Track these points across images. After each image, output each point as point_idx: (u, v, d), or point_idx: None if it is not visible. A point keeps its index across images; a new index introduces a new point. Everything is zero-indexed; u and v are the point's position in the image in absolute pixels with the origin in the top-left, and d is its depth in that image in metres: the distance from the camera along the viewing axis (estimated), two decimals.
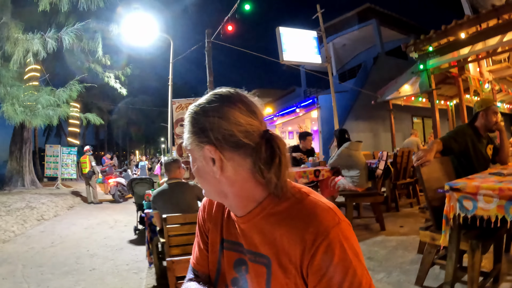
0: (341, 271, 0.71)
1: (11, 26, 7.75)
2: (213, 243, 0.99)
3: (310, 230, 0.75)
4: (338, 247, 0.72)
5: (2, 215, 7.32)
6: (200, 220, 1.06)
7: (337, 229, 0.74)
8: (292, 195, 0.84)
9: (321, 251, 0.72)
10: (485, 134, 3.48)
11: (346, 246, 0.73)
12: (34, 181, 13.78)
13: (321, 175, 5.37)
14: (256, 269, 0.85)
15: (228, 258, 0.93)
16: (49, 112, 9.20)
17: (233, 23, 9.61)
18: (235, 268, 0.91)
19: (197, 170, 0.89)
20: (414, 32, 17.53)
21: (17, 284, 3.99)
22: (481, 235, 2.47)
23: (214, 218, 1.01)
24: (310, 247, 0.74)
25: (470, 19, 6.37)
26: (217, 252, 0.97)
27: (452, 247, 2.49)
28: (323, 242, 0.72)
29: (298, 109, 17.19)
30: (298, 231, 0.77)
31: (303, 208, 0.80)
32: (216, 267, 0.97)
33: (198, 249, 1.05)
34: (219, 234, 0.98)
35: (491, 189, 2.12)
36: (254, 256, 0.85)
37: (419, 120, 17.78)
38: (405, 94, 10.90)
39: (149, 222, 4.12)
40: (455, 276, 2.52)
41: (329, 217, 0.76)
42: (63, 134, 29.93)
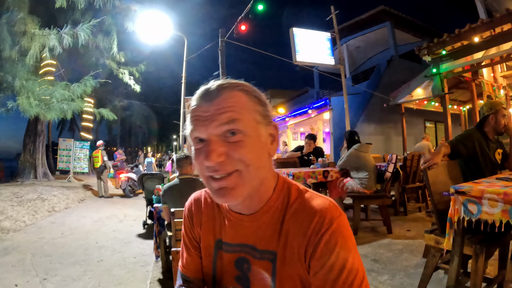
0: (342, 258, 0.75)
1: (28, 21, 7.90)
2: (206, 247, 0.99)
3: (315, 220, 0.79)
4: (341, 236, 0.77)
5: (14, 205, 7.49)
6: (187, 227, 1.06)
7: (339, 220, 0.79)
8: (294, 191, 0.89)
9: (325, 240, 0.77)
10: (494, 138, 3.42)
11: (347, 236, 0.79)
12: (47, 174, 14.01)
13: (330, 176, 5.37)
14: (260, 266, 0.87)
15: (227, 259, 0.94)
16: (64, 106, 9.36)
17: (246, 23, 9.68)
18: (236, 267, 0.92)
19: (256, 148, 0.81)
20: (428, 35, 17.34)
21: (25, 272, 4.08)
22: (486, 240, 2.44)
23: (205, 223, 1.00)
24: (315, 236, 0.78)
25: (484, 23, 6.28)
26: (211, 255, 0.98)
27: (455, 250, 2.45)
28: (327, 231, 0.77)
29: (310, 110, 17.12)
30: (304, 223, 0.81)
31: (306, 202, 0.85)
32: (212, 269, 0.97)
33: (187, 254, 1.04)
34: (213, 238, 0.98)
35: (496, 193, 2.09)
36: (260, 253, 0.87)
37: (432, 124, 17.58)
38: (418, 97, 10.78)
39: (158, 216, 4.17)
40: (457, 281, 2.49)
41: (332, 209, 0.81)
42: (76, 128, 30.34)
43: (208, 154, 0.76)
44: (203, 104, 0.80)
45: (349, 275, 0.74)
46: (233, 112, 0.78)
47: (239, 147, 0.77)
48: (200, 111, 0.80)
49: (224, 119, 0.77)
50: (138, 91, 12.59)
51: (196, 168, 0.84)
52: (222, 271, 0.95)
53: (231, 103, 0.79)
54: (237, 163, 0.77)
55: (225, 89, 0.81)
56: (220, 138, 0.78)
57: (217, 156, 0.76)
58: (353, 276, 0.75)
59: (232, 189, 0.79)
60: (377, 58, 20.88)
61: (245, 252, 0.90)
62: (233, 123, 0.77)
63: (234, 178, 0.78)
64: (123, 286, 3.66)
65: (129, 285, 3.69)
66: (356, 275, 0.75)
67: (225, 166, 0.77)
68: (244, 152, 0.77)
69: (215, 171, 0.78)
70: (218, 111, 0.78)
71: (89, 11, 9.29)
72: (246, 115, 0.79)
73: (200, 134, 0.79)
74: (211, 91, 0.81)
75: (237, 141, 0.78)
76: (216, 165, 0.77)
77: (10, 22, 7.74)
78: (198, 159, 0.80)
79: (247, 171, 0.78)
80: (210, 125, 0.78)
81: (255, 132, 0.80)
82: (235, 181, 0.78)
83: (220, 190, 0.79)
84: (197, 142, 0.81)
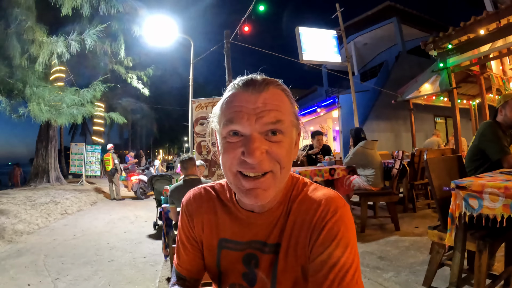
0: (342, 246, 0.77)
1: (36, 30, 8.04)
2: (209, 246, 0.97)
3: (321, 209, 0.82)
4: (343, 225, 0.79)
5: (28, 208, 7.64)
6: (185, 226, 1.01)
7: (343, 209, 0.82)
8: (300, 184, 0.93)
9: (328, 227, 0.79)
10: (508, 131, 3.29)
11: (349, 226, 0.81)
12: (59, 178, 14.19)
13: (337, 174, 5.37)
14: (267, 260, 0.88)
15: (233, 257, 0.93)
16: (74, 111, 9.49)
17: (249, 24, 9.70)
18: (244, 263, 0.91)
19: (290, 150, 0.82)
20: (435, 30, 17.12)
21: (38, 272, 4.18)
22: (489, 235, 2.41)
23: (207, 223, 0.97)
24: (320, 223, 0.80)
25: (489, 15, 6.18)
26: (215, 255, 0.96)
27: (457, 246, 2.44)
28: (331, 219, 0.80)
29: (319, 108, 17.07)
30: (310, 212, 0.84)
31: (312, 193, 0.88)
32: (216, 267, 0.96)
33: (183, 252, 1.02)
34: (216, 237, 0.96)
35: (497, 188, 2.07)
36: (269, 247, 0.88)
37: (442, 120, 17.42)
38: (426, 93, 10.68)
39: (166, 216, 4.23)
40: (460, 277, 2.48)
41: (337, 199, 0.84)
42: (88, 133, 30.57)
43: (253, 151, 0.74)
44: (248, 94, 0.79)
45: (346, 262, 0.76)
46: (279, 111, 0.78)
47: (278, 147, 0.78)
48: (246, 100, 0.78)
49: (272, 118, 0.77)
50: (147, 95, 12.69)
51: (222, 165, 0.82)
52: (228, 269, 0.94)
53: (277, 101, 0.79)
54: (274, 164, 0.77)
55: (272, 84, 0.81)
56: (262, 136, 0.77)
57: (260, 154, 0.75)
58: (349, 265, 0.76)
59: (265, 190, 0.78)
60: (385, 55, 20.78)
61: (253, 248, 0.90)
62: (279, 124, 0.77)
63: (268, 179, 0.78)
64: (132, 285, 3.73)
65: (139, 284, 3.76)
66: (352, 264, 0.77)
67: (263, 165, 0.76)
68: (282, 153, 0.78)
69: (252, 168, 0.76)
70: (266, 107, 0.77)
71: (96, 17, 9.41)
72: (287, 116, 0.80)
73: (242, 129, 0.77)
74: (258, 83, 0.80)
75: (278, 141, 0.78)
76: (256, 163, 0.76)
77: (19, 30, 7.90)
78: (232, 153, 0.78)
79: (280, 172, 0.79)
80: (258, 121, 0.76)
81: (290, 134, 0.81)
82: (268, 183, 0.78)
83: (252, 191, 0.78)
84: (231, 135, 0.79)
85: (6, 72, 8.16)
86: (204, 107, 7.71)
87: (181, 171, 4.04)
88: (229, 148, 0.78)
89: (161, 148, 53.71)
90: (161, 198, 5.12)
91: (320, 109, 17.02)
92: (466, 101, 11.90)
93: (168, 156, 42.30)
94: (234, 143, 0.78)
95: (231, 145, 0.78)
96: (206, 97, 7.70)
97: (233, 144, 0.78)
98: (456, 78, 7.90)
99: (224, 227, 0.95)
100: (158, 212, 6.61)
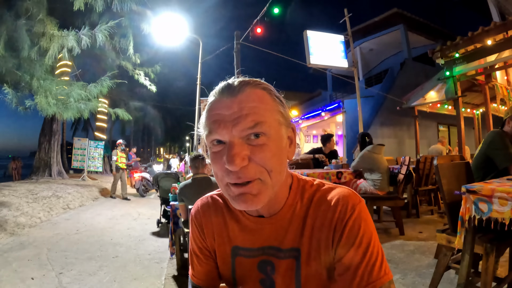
0: (366, 242, 0.78)
1: (47, 22, 8.05)
2: (222, 255, 0.96)
3: (339, 209, 0.81)
4: (363, 221, 0.80)
5: (29, 202, 7.66)
6: (196, 237, 1.00)
7: (360, 206, 0.82)
8: (309, 186, 0.91)
9: (349, 226, 0.79)
10: None
11: (368, 220, 0.81)
12: (61, 172, 14.24)
13: (343, 177, 5.37)
14: (285, 265, 0.86)
15: (248, 264, 0.91)
16: (81, 105, 9.49)
17: (262, 25, 9.73)
18: (260, 270, 0.90)
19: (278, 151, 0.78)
20: (442, 38, 17.19)
21: (42, 266, 4.19)
22: (496, 238, 2.46)
23: (218, 232, 0.96)
24: (340, 224, 0.80)
25: (497, 25, 6.23)
26: (229, 263, 0.95)
27: (466, 249, 2.47)
28: (351, 218, 0.79)
29: (324, 112, 17.05)
30: (328, 214, 0.82)
31: (326, 194, 0.87)
32: (232, 277, 0.95)
33: (197, 263, 1.00)
34: (228, 245, 0.94)
35: (506, 192, 2.12)
36: (284, 253, 0.86)
37: (445, 128, 17.42)
38: (431, 100, 10.70)
39: (174, 214, 4.24)
40: (468, 279, 2.50)
41: (352, 196, 0.83)
42: (90, 128, 30.58)
43: (232, 158, 0.71)
44: (224, 99, 0.77)
45: (371, 256, 0.77)
46: (257, 113, 0.74)
47: (262, 151, 0.74)
48: (222, 107, 0.76)
49: (250, 122, 0.73)
50: (154, 91, 12.68)
51: (214, 174, 0.80)
52: (244, 277, 0.93)
53: (255, 102, 0.75)
54: (260, 170, 0.74)
55: (248, 85, 0.78)
56: (243, 141, 0.74)
57: (241, 160, 0.72)
58: (375, 258, 0.77)
59: (255, 195, 0.75)
60: (391, 61, 20.78)
61: (268, 254, 0.88)
62: (259, 126, 0.73)
63: (256, 185, 0.75)
64: (138, 281, 3.73)
65: (144, 280, 3.76)
66: (378, 256, 0.78)
67: (247, 172, 0.73)
68: (267, 156, 0.74)
69: (238, 177, 0.73)
70: (242, 111, 0.74)
71: (106, 13, 9.42)
72: (270, 116, 0.76)
73: (221, 137, 0.75)
74: (233, 86, 0.78)
75: (261, 144, 0.74)
76: (239, 171, 0.73)
77: (29, 23, 7.90)
78: (218, 163, 0.76)
79: (269, 177, 0.75)
80: (234, 128, 0.73)
81: (277, 134, 0.78)
82: (257, 188, 0.75)
83: (241, 196, 0.75)
84: (215, 144, 0.77)
85: (14, 63, 8.15)
86: None
87: (191, 169, 4.04)
88: (215, 158, 0.77)
89: (162, 147, 53.74)
90: (168, 195, 5.13)
91: (325, 113, 17.00)
92: (470, 109, 11.94)
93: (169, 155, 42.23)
94: (218, 152, 0.76)
95: (216, 155, 0.77)
96: None
97: (218, 154, 0.76)
98: (461, 86, 7.95)
99: (234, 234, 0.94)
100: (162, 210, 6.62)
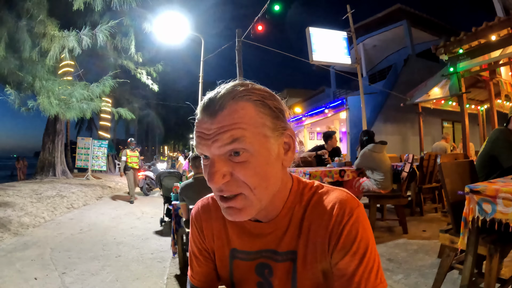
0: (363, 248, 0.77)
1: (48, 23, 8.05)
2: (221, 257, 0.97)
3: (336, 213, 0.80)
4: (361, 226, 0.78)
5: (34, 201, 7.68)
6: (196, 238, 1.01)
7: (358, 210, 0.80)
8: (308, 189, 0.90)
9: (347, 230, 0.78)
10: None
11: (366, 226, 0.80)
12: (65, 172, 14.27)
13: (346, 175, 5.34)
14: (283, 268, 0.86)
15: (245, 267, 0.92)
16: (83, 105, 9.51)
17: (263, 23, 9.71)
18: (257, 273, 0.90)
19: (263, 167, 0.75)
20: (445, 34, 17.07)
21: (45, 266, 4.19)
22: (500, 239, 2.42)
23: (217, 234, 0.97)
24: (337, 227, 0.79)
25: (501, 21, 6.16)
26: (227, 266, 0.95)
27: (469, 250, 2.43)
28: (348, 222, 0.78)
29: (327, 109, 17.02)
30: (325, 216, 0.81)
31: (324, 196, 0.86)
32: (229, 279, 0.96)
33: (196, 264, 1.01)
34: (227, 248, 0.95)
35: (511, 193, 2.06)
36: (281, 256, 0.86)
37: (449, 124, 17.29)
38: (435, 97, 10.61)
39: (176, 213, 4.23)
40: (471, 281, 2.48)
41: (350, 200, 0.82)
42: (94, 128, 30.65)
43: (212, 175, 0.72)
44: (205, 120, 0.74)
45: (368, 263, 0.76)
46: (237, 129, 0.71)
47: (243, 168, 0.73)
48: (203, 128, 0.74)
49: (227, 139, 0.71)
50: (156, 91, 12.69)
51: None
52: (242, 279, 0.93)
53: (235, 119, 0.72)
54: (242, 187, 0.74)
55: (230, 101, 0.73)
56: (224, 157, 0.73)
57: (220, 178, 0.72)
58: (371, 265, 0.76)
59: (240, 210, 0.76)
60: (394, 57, 20.66)
61: (265, 257, 0.88)
62: (237, 142, 0.71)
63: (240, 200, 0.75)
64: (140, 281, 3.73)
65: (147, 280, 3.75)
66: (374, 263, 0.77)
67: (230, 186, 0.74)
68: (249, 174, 0.73)
69: (221, 191, 0.75)
70: (220, 130, 0.71)
71: (107, 12, 9.42)
72: (252, 130, 0.72)
73: (203, 152, 0.75)
74: (214, 104, 0.74)
75: (242, 162, 0.72)
76: (221, 186, 0.74)
77: (30, 24, 7.91)
78: (206, 175, 0.76)
79: (252, 194, 0.74)
80: (212, 145, 0.72)
81: (263, 149, 0.74)
82: (241, 203, 0.75)
83: (228, 209, 0.77)
84: (204, 157, 0.77)
85: (16, 64, 8.18)
86: None
87: (192, 168, 4.03)
88: (205, 171, 0.77)
89: (166, 145, 53.82)
90: (170, 195, 5.12)
91: (328, 110, 16.98)
92: (474, 106, 11.83)
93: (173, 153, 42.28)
94: (206, 165, 0.76)
95: (205, 167, 0.77)
96: None
97: (205, 167, 0.76)
98: (465, 83, 7.88)
99: (233, 237, 0.94)
100: (165, 209, 6.62)
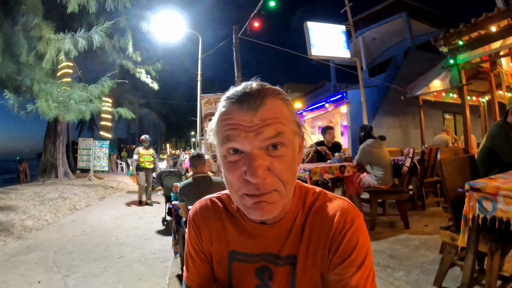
0: (362, 255, 0.79)
1: (43, 27, 8.05)
2: (219, 259, 0.95)
3: (337, 220, 0.82)
4: (361, 235, 0.81)
5: (36, 204, 7.71)
6: (192, 239, 0.99)
7: (359, 219, 0.83)
8: (311, 195, 0.91)
9: (348, 237, 0.79)
10: None
11: (365, 234, 0.82)
12: (67, 173, 14.29)
13: (347, 171, 5.33)
14: (283, 272, 0.86)
15: (244, 269, 0.90)
16: (82, 107, 9.50)
17: (259, 19, 9.66)
18: (256, 276, 0.89)
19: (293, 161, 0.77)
20: (445, 25, 17.00)
21: (48, 269, 4.20)
22: (502, 237, 2.42)
23: (215, 236, 0.95)
24: (338, 234, 0.80)
25: (501, 11, 6.10)
26: (225, 267, 0.94)
27: (470, 248, 2.45)
28: (349, 229, 0.80)
29: (327, 104, 17.01)
30: (326, 223, 0.83)
31: (326, 203, 0.87)
32: (228, 281, 0.94)
33: (192, 265, 0.99)
34: (226, 249, 0.93)
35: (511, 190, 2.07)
36: (282, 260, 0.86)
37: (451, 116, 17.25)
38: (435, 89, 10.56)
39: (176, 213, 4.23)
40: (472, 278, 2.47)
41: (351, 209, 0.84)
42: (95, 128, 30.69)
43: (255, 170, 0.70)
44: (244, 112, 0.73)
45: (365, 270, 0.78)
46: (279, 124, 0.73)
47: (280, 162, 0.73)
48: (241, 120, 0.72)
49: (272, 131, 0.71)
50: (156, 89, 12.68)
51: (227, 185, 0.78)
52: (240, 282, 0.92)
53: (276, 114, 0.74)
54: (277, 182, 0.73)
55: (268, 96, 0.75)
56: (263, 151, 0.72)
57: (263, 172, 0.71)
58: (368, 273, 0.78)
59: (271, 204, 0.74)
60: (394, 50, 20.63)
61: (265, 261, 0.88)
62: (280, 136, 0.72)
63: (273, 195, 0.74)
64: (142, 281, 3.73)
65: (149, 280, 3.76)
66: (370, 272, 0.79)
67: (266, 184, 0.72)
68: (284, 168, 0.74)
69: (257, 189, 0.72)
70: (264, 122, 0.72)
71: (103, 13, 9.40)
72: (288, 126, 0.75)
73: (240, 146, 0.72)
74: (254, 97, 0.74)
75: (280, 156, 0.73)
76: (260, 182, 0.71)
77: (26, 27, 7.90)
78: (235, 173, 0.74)
79: (284, 189, 0.75)
80: (256, 138, 0.71)
81: (292, 144, 0.77)
82: (274, 198, 0.74)
83: (256, 205, 0.73)
84: (231, 153, 0.74)
85: (14, 69, 8.17)
86: (213, 102, 7.70)
87: (190, 168, 4.03)
88: (231, 169, 0.74)
89: (168, 143, 53.95)
90: (171, 194, 5.11)
91: (329, 104, 16.96)
92: (475, 97, 11.79)
93: (175, 151, 42.27)
94: (235, 162, 0.74)
95: (232, 164, 0.74)
96: (214, 92, 7.68)
97: (235, 164, 0.74)
98: (466, 74, 7.85)
99: (233, 239, 0.93)
100: (166, 208, 6.63)
